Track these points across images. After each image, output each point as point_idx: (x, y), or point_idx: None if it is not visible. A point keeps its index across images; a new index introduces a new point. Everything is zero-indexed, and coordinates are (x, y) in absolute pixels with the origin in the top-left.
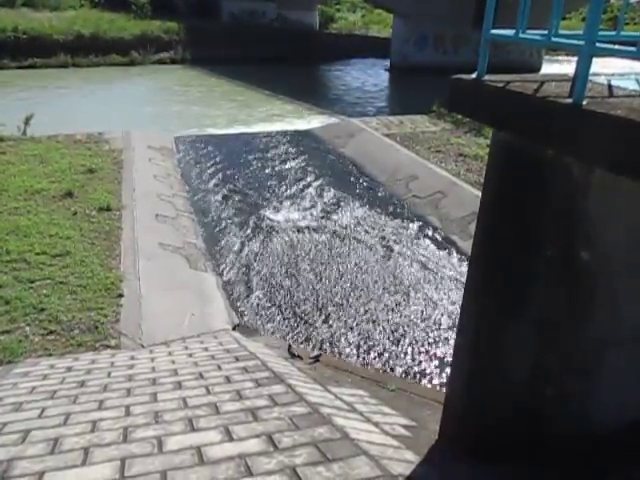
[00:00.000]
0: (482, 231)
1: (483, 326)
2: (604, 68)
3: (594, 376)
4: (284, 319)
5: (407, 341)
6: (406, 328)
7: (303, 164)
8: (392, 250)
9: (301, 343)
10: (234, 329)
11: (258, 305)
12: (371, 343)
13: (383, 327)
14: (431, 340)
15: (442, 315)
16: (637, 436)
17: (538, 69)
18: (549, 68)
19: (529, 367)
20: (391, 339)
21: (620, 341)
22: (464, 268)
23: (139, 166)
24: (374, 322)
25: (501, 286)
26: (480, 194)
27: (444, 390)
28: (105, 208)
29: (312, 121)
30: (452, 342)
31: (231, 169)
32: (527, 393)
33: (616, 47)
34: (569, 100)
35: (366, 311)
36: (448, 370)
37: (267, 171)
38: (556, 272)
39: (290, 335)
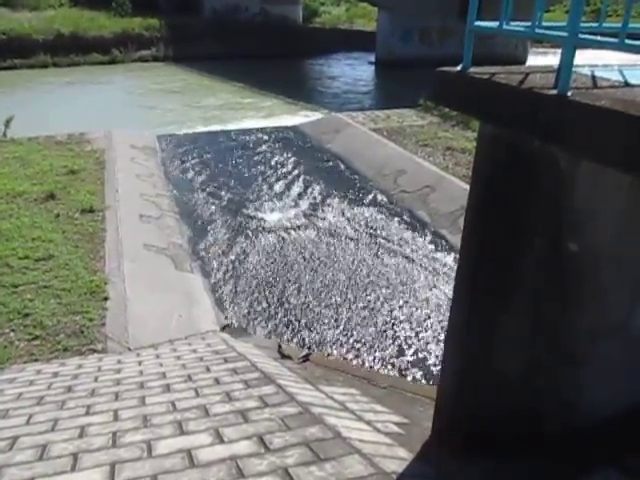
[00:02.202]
0: (471, 225)
1: (473, 320)
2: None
3: (586, 366)
4: (272, 318)
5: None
6: (398, 331)
7: (289, 161)
8: (381, 247)
9: (299, 344)
10: (222, 330)
11: (246, 305)
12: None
13: (374, 329)
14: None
15: (431, 312)
16: (632, 424)
17: (524, 61)
18: (535, 60)
19: (520, 359)
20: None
21: (610, 331)
22: (455, 263)
23: (122, 166)
24: (363, 325)
25: (491, 279)
26: (468, 188)
27: (436, 387)
28: (88, 209)
29: (297, 117)
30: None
31: (215, 167)
32: (519, 386)
33: (599, 38)
34: (554, 91)
35: (351, 313)
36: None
37: (252, 168)
38: (545, 264)
39: (279, 334)
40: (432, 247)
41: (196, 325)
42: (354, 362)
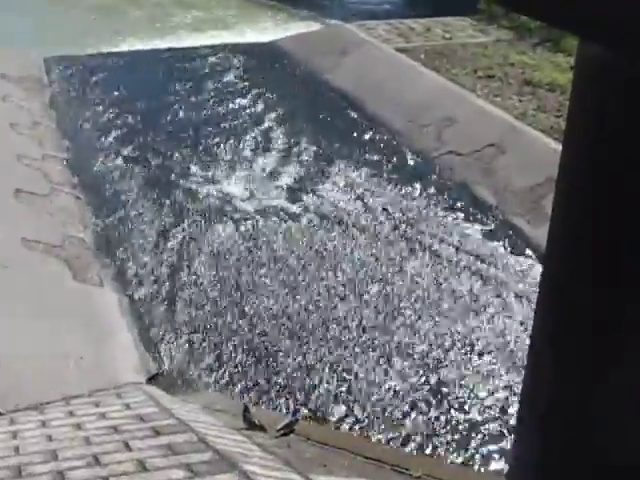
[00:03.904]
0: (563, 211)
1: (565, 373)
2: None
3: None
4: (233, 363)
5: None
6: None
7: (263, 100)
8: (416, 248)
9: (278, 407)
10: (151, 381)
11: (189, 339)
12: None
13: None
14: None
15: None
16: None
17: None
18: None
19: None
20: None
21: None
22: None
23: None
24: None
25: (594, 300)
26: (560, 148)
27: (496, 473)
28: None
29: (279, 28)
30: None
31: (143, 111)
32: (629, 464)
33: None
34: None
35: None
36: None
37: (202, 114)
38: None
39: (245, 389)
40: (500, 247)
41: (108, 373)
42: (366, 436)
